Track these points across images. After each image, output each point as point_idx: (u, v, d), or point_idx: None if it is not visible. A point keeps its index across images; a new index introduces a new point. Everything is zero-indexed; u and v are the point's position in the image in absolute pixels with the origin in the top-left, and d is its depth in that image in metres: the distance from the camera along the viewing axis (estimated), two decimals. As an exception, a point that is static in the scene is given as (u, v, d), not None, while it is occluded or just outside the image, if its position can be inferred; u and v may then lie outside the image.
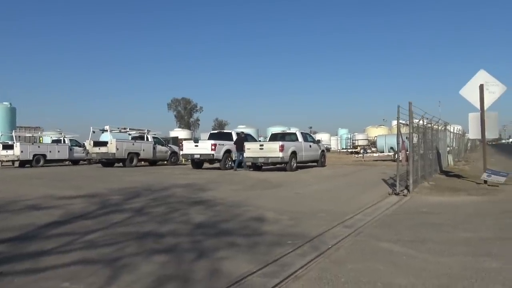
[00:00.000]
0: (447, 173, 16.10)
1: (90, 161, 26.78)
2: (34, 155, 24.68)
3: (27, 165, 24.49)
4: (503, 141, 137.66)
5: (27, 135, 31.31)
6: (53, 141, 27.93)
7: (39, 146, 25.56)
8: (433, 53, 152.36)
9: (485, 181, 11.58)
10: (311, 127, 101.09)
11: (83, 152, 25.73)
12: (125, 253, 4.67)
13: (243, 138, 19.83)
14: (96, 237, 5.40)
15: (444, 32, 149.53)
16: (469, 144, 43.67)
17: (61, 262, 4.33)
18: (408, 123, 10.79)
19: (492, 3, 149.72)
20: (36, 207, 7.93)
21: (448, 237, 5.53)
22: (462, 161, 25.51)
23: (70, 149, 26.68)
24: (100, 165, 24.15)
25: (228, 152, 19.76)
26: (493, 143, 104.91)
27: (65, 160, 27.15)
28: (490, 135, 12.22)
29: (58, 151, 25.89)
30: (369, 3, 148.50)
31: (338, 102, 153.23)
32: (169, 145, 26.67)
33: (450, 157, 21.38)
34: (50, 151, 25.47)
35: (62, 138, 27.60)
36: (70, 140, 27.49)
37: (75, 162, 27.92)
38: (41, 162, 24.90)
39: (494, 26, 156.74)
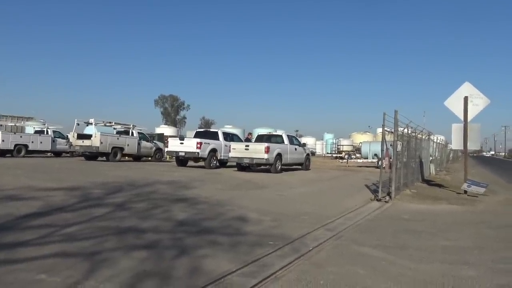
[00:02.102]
0: (428, 182, 16.34)
1: (73, 154, 26.38)
2: (16, 145, 24.18)
3: (7, 155, 23.99)
4: (484, 153, 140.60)
5: (9, 124, 30.70)
6: (36, 132, 27.42)
7: (21, 136, 25.07)
8: (421, 62, 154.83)
9: (465, 191, 11.80)
10: (297, 131, 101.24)
11: (66, 144, 25.37)
12: (104, 248, 4.60)
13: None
14: (75, 230, 5.32)
15: (432, 42, 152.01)
16: (451, 155, 44.40)
17: (38, 254, 4.25)
18: (393, 131, 10.92)
19: (481, 14, 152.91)
20: (15, 198, 7.77)
21: (427, 244, 5.61)
22: (443, 171, 25.94)
23: (53, 141, 26.23)
24: (83, 158, 23.82)
25: (213, 151, 19.71)
26: (474, 154, 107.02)
27: (48, 151, 26.68)
28: (473, 146, 12.45)
29: (41, 142, 25.42)
30: (359, 8, 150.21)
31: (325, 107, 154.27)
32: (154, 141, 26.47)
33: (432, 167, 21.70)
34: (32, 142, 24.98)
35: (45, 129, 27.11)
36: (54, 131, 27.03)
37: (57, 154, 27.47)
38: (22, 152, 24.41)
39: (482, 37, 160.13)
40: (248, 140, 23.12)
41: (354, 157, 37.33)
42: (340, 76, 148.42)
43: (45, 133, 26.61)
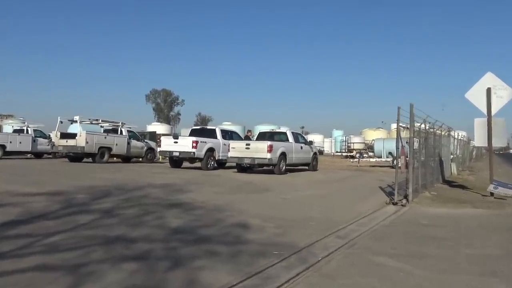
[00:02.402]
0: (450, 183, 16.27)
1: (55, 155, 26.40)
2: (-8, 146, 24.24)
3: (-17, 157, 24.04)
4: (511, 150, 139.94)
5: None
6: (15, 131, 27.44)
7: (-3, 136, 25.11)
8: (437, 52, 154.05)
9: (492, 193, 11.72)
10: (303, 127, 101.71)
11: (48, 145, 25.36)
12: (90, 259, 4.57)
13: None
14: (58, 240, 5.28)
15: (450, 29, 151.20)
16: (474, 152, 44.34)
17: (16, 267, 4.21)
18: (408, 127, 10.86)
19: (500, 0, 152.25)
20: (-9, 204, 7.75)
21: (450, 253, 5.55)
22: (466, 170, 25.87)
23: (34, 141, 26.26)
24: (66, 159, 23.82)
25: (210, 150, 19.69)
26: (501, 152, 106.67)
27: (28, 152, 26.71)
28: (498, 143, 12.37)
29: (20, 142, 25.45)
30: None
31: (334, 101, 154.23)
32: (145, 140, 26.48)
33: (453, 166, 21.64)
34: (10, 142, 25.02)
35: (25, 128, 27.14)
36: (34, 130, 27.05)
37: (38, 155, 27.50)
38: (0, 153, 24.45)
39: (505, 23, 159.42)
40: (248, 138, 23.09)
41: (366, 156, 37.28)
42: (350, 67, 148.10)
43: (25, 132, 26.65)
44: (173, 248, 5.20)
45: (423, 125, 12.53)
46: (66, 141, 22.63)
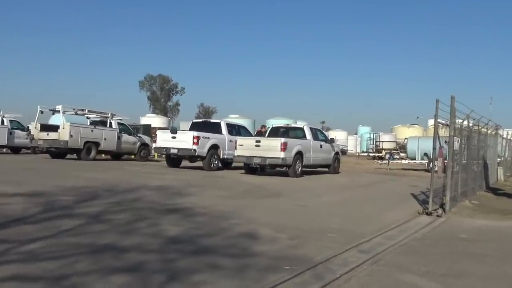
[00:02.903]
0: (495, 191, 16.19)
1: (35, 150, 26.65)
2: (-38, 139, 24.62)
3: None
4: None
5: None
6: (-12, 122, 27.80)
7: (-33, 128, 25.43)
8: (485, 36, 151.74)
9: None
10: (323, 122, 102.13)
11: (27, 138, 25.64)
12: (74, 270, 4.66)
13: None
14: (38, 248, 5.39)
15: (497, 11, 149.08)
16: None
17: (-9, 277, 4.32)
18: (448, 123, 10.84)
19: None
20: (-38, 205, 7.91)
21: (492, 271, 5.57)
22: (515, 176, 25.67)
23: (10, 133, 26.57)
24: (48, 155, 24.07)
25: (214, 148, 19.75)
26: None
27: (3, 146, 27.03)
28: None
29: (-6, 135, 25.77)
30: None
31: (361, 92, 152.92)
32: (138, 135, 26.65)
33: (500, 171, 21.51)
34: (-17, 135, 25.33)
35: (0, 118, 27.47)
36: (11, 121, 27.35)
37: (15, 149, 27.79)
38: (-29, 147, 24.82)
39: None
40: (260, 134, 23.14)
41: (398, 157, 37.14)
42: (379, 52, 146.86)
43: (0, 123, 26.93)
44: (170, 259, 5.28)
45: (465, 122, 12.49)
46: (47, 134, 22.86)
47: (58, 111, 23.65)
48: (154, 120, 47.75)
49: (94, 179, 13.39)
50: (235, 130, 21.63)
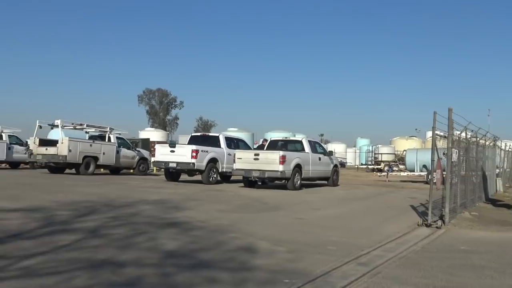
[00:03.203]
0: (494, 202, 16.19)
1: (33, 165, 26.71)
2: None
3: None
4: None
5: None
6: (-13, 137, 27.80)
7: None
8: (482, 48, 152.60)
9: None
10: (322, 135, 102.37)
11: (26, 153, 25.65)
12: (72, 286, 4.65)
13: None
14: (35, 263, 5.38)
15: (497, 21, 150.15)
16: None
17: (-12, 293, 4.31)
18: (446, 135, 10.87)
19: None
20: (-40, 221, 7.90)
21: (492, 284, 5.56)
22: (514, 187, 25.68)
23: (9, 148, 26.59)
24: (46, 170, 24.09)
25: (213, 161, 19.78)
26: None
27: (2, 162, 27.03)
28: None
29: (-7, 150, 25.76)
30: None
31: (359, 105, 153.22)
32: (137, 149, 26.70)
33: (499, 182, 21.52)
34: (-19, 150, 25.34)
35: (-2, 134, 27.50)
36: (9, 136, 27.39)
37: (14, 165, 27.83)
38: (-30, 163, 24.82)
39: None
40: (262, 148, 23.14)
41: (397, 169, 37.25)
42: (378, 65, 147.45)
43: (-1, 138, 26.95)
44: (168, 274, 5.26)
45: (463, 134, 12.52)
46: (46, 149, 22.87)
47: (57, 126, 23.68)
48: (153, 134, 47.81)
49: (92, 194, 13.39)
50: (234, 143, 21.69)
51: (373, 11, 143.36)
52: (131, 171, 26.15)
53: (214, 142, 20.95)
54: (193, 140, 21.41)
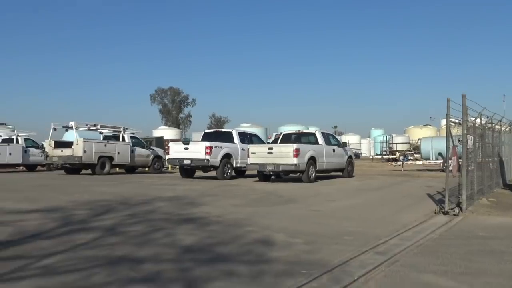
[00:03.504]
0: (512, 188, 16.02)
1: (50, 167, 27.01)
2: (-22, 159, 24.94)
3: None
4: None
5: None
6: (3, 141, 28.18)
7: (-17, 148, 25.77)
8: (497, 32, 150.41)
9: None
10: (335, 127, 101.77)
11: (42, 155, 25.97)
12: (92, 283, 4.69)
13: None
14: (55, 262, 5.44)
15: (508, 3, 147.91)
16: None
17: (10, 292, 4.37)
18: (461, 122, 10.77)
19: None
20: (-20, 223, 8.01)
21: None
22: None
23: (25, 151, 26.91)
24: (63, 171, 24.35)
25: (227, 157, 19.84)
26: None
27: (19, 165, 27.39)
28: None
29: (10, 154, 26.11)
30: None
31: (371, 96, 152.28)
32: (151, 147, 26.87)
33: (516, 167, 21.23)
34: (-1, 154, 25.67)
35: (14, 137, 27.83)
36: (25, 139, 27.75)
37: (31, 167, 28.17)
38: (-13, 167, 25.15)
39: None
40: (276, 142, 23.19)
41: (412, 158, 37.00)
42: (389, 55, 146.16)
43: (15, 142, 27.31)
44: (186, 268, 5.29)
45: (478, 120, 12.40)
46: (61, 151, 23.13)
47: (71, 128, 23.96)
48: (166, 132, 48.18)
49: (108, 193, 13.51)
50: (247, 138, 21.75)
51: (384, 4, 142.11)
52: (146, 169, 26.34)
53: (227, 137, 21.03)
54: (206, 137, 21.52)
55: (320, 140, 20.20)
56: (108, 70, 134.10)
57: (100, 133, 25.85)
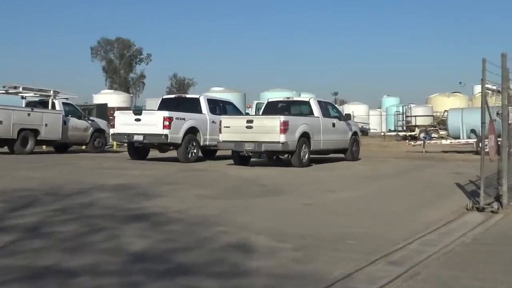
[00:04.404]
0: None
1: None
2: None
3: None
4: None
5: None
6: None
7: None
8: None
9: None
10: (336, 94, 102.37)
11: None
12: (5, 303, 4.59)
13: None
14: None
15: None
16: None
17: None
18: (500, 89, 10.77)
19: None
20: None
21: None
22: None
23: None
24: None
25: (192, 131, 19.69)
26: None
27: None
28: None
29: None
30: None
31: (384, 55, 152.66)
32: (91, 118, 26.62)
33: None
34: None
35: None
36: None
37: None
38: None
39: None
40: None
41: (436, 136, 37.27)
42: (407, 6, 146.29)
43: None
44: (135, 284, 5.22)
45: (524, 86, 12.46)
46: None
47: (-17, 91, 23.55)
48: (111, 97, 47.70)
49: (31, 179, 13.35)
50: (220, 107, 21.69)
51: None
52: (84, 147, 26.13)
53: (193, 106, 20.92)
54: (165, 105, 21.34)
55: (316, 111, 20.14)
56: (33, 15, 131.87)
57: (22, 97, 25.46)
